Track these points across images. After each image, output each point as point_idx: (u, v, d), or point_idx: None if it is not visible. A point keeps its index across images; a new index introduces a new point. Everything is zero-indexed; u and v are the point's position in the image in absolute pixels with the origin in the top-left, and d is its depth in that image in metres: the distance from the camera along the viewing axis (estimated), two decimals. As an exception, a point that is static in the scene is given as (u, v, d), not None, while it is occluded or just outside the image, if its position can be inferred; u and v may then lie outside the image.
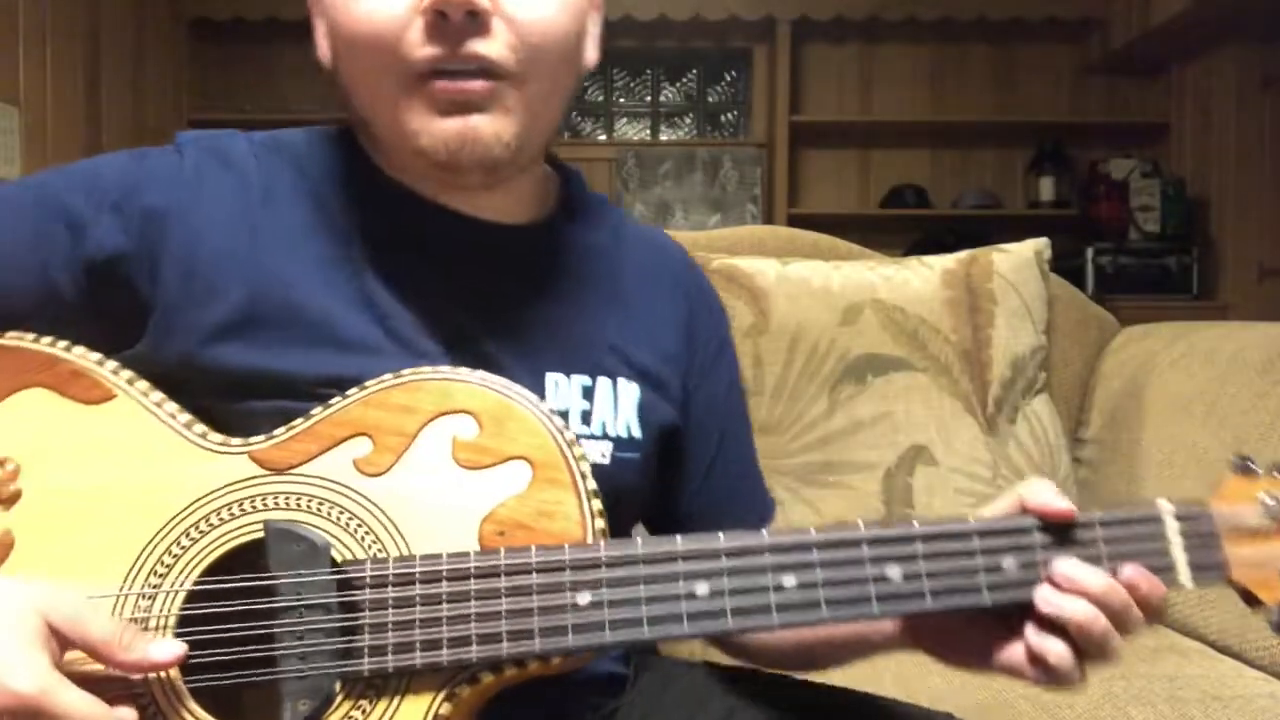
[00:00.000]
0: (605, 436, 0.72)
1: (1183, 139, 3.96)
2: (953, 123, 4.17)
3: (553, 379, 0.71)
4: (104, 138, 3.39)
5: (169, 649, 0.55)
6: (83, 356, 0.64)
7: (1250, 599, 0.60)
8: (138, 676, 0.57)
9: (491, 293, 0.71)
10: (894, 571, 0.58)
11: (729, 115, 4.48)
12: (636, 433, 0.74)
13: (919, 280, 1.46)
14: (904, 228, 4.10)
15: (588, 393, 0.72)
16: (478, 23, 0.62)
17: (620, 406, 0.74)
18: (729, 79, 4.45)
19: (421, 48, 0.62)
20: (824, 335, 1.41)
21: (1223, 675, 1.07)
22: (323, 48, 0.71)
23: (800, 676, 0.79)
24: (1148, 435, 1.34)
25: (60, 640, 0.53)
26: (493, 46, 0.63)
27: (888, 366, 1.40)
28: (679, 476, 0.81)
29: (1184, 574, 0.59)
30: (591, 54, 0.73)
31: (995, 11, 3.99)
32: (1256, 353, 1.25)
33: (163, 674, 0.57)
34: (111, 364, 0.64)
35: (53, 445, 0.62)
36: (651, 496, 0.78)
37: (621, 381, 0.74)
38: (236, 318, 0.65)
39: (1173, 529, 0.60)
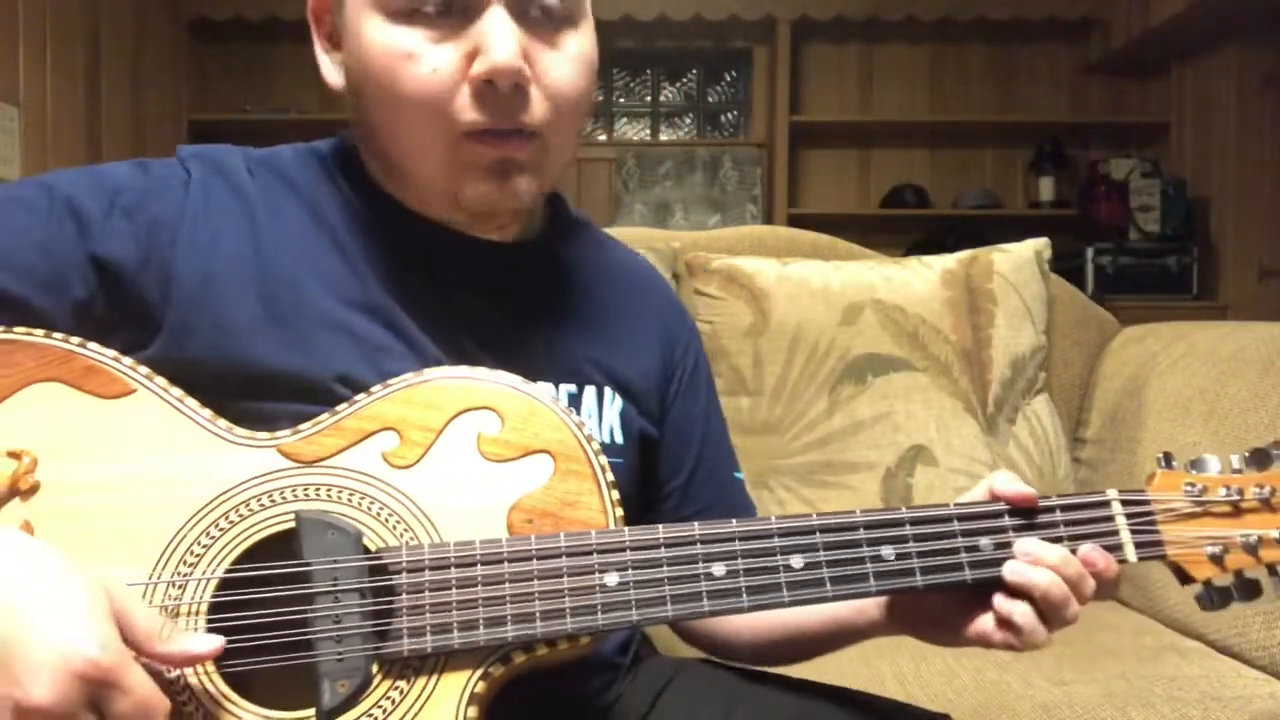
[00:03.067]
0: None
1: (1183, 139, 3.95)
2: (953, 123, 4.17)
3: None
4: (104, 137, 3.39)
5: (207, 643, 0.56)
6: (98, 352, 0.63)
7: (1183, 576, 0.68)
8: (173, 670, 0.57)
9: (482, 305, 0.75)
10: (888, 552, 0.65)
11: (729, 115, 4.48)
12: (620, 439, 0.78)
13: (919, 280, 1.46)
14: (904, 228, 4.10)
15: (574, 401, 0.76)
16: (521, 92, 0.67)
17: (605, 415, 0.77)
18: (729, 79, 4.45)
19: (469, 112, 0.66)
20: (824, 335, 1.41)
21: (1222, 675, 1.07)
22: (334, 76, 0.74)
23: (800, 676, 0.80)
24: (1148, 435, 1.34)
25: None
26: (532, 113, 0.68)
27: (888, 366, 1.40)
28: (656, 491, 0.84)
29: (1130, 551, 0.67)
30: None
31: (995, 11, 3.99)
32: (1256, 353, 1.25)
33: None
34: (128, 360, 0.64)
35: (71, 438, 0.61)
36: (633, 509, 0.78)
37: (606, 391, 0.78)
38: (254, 315, 0.67)
39: (1119, 512, 0.68)
